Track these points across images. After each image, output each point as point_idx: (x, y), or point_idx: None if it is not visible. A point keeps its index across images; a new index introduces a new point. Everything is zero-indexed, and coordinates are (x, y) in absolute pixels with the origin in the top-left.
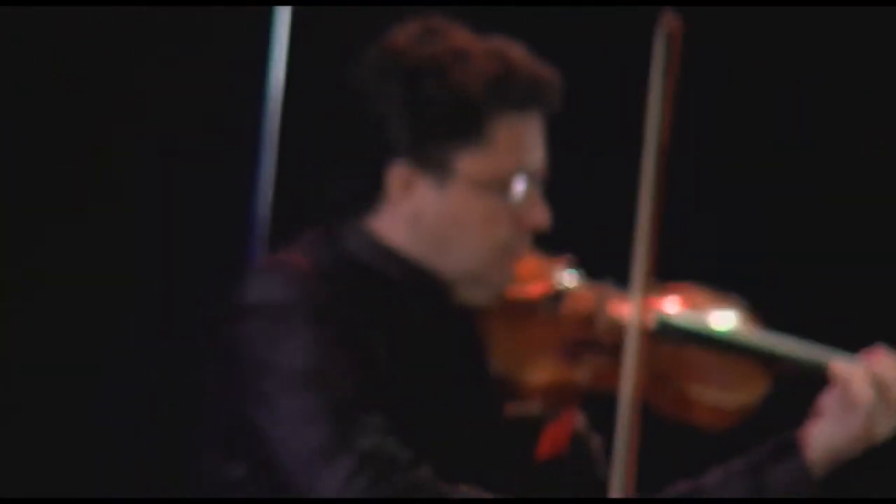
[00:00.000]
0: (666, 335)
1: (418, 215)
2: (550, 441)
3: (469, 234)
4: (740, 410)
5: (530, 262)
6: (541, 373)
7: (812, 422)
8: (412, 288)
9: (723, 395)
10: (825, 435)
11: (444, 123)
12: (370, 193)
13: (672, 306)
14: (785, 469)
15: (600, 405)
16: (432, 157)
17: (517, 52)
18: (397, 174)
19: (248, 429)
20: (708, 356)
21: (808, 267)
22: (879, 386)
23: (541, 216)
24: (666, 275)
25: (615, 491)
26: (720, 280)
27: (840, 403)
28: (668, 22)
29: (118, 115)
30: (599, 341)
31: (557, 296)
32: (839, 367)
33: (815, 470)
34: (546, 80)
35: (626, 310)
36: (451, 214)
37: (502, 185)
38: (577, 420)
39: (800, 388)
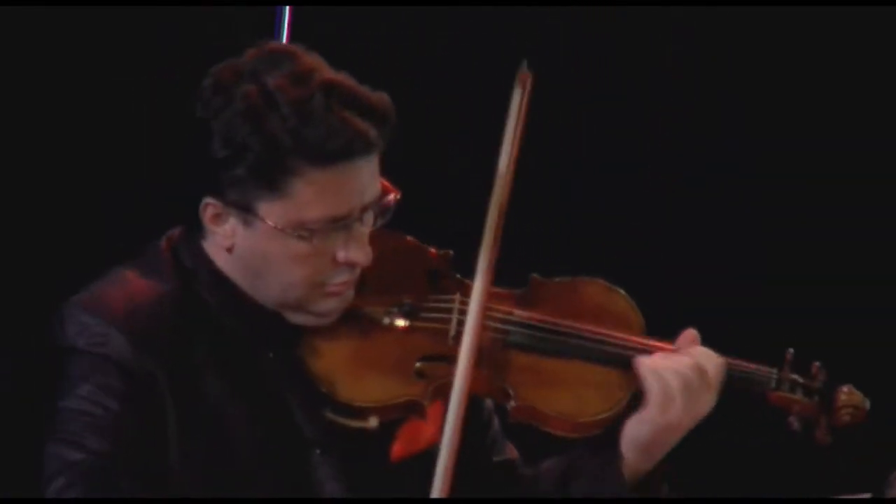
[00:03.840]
0: (514, 341)
1: (232, 248)
2: (403, 442)
3: (276, 270)
4: (595, 420)
5: (398, 263)
6: (376, 393)
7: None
8: (239, 311)
9: (575, 404)
10: (631, 425)
11: (248, 171)
12: (194, 218)
13: (522, 311)
14: (596, 458)
15: None
16: (238, 200)
17: (338, 95)
18: (209, 208)
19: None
20: (558, 363)
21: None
22: (675, 376)
23: (356, 254)
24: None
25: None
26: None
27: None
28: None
29: (112, 113)
30: (449, 354)
31: (406, 309)
32: (637, 361)
33: (628, 460)
34: (359, 131)
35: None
36: (258, 252)
37: (306, 232)
38: (435, 415)
39: None
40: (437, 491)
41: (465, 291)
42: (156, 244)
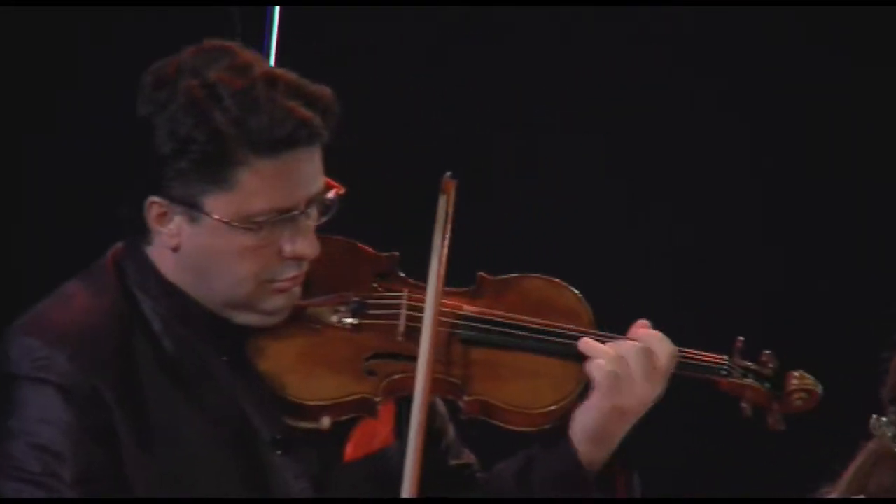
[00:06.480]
0: (464, 337)
1: (178, 247)
2: (356, 443)
3: (223, 267)
4: (550, 411)
5: (345, 265)
6: (327, 391)
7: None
8: (188, 319)
9: (527, 396)
10: (578, 414)
11: (193, 165)
12: (139, 222)
13: (471, 306)
14: (552, 452)
15: None
16: (183, 196)
17: (281, 86)
18: (154, 207)
19: None
20: (509, 356)
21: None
22: (619, 360)
23: (303, 247)
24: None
25: (405, 491)
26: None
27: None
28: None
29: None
30: (399, 351)
31: (354, 306)
32: (582, 343)
33: (581, 450)
34: (303, 119)
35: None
36: (205, 248)
37: (253, 224)
38: (387, 416)
39: None
40: (406, 492)
41: (413, 289)
42: (102, 259)
